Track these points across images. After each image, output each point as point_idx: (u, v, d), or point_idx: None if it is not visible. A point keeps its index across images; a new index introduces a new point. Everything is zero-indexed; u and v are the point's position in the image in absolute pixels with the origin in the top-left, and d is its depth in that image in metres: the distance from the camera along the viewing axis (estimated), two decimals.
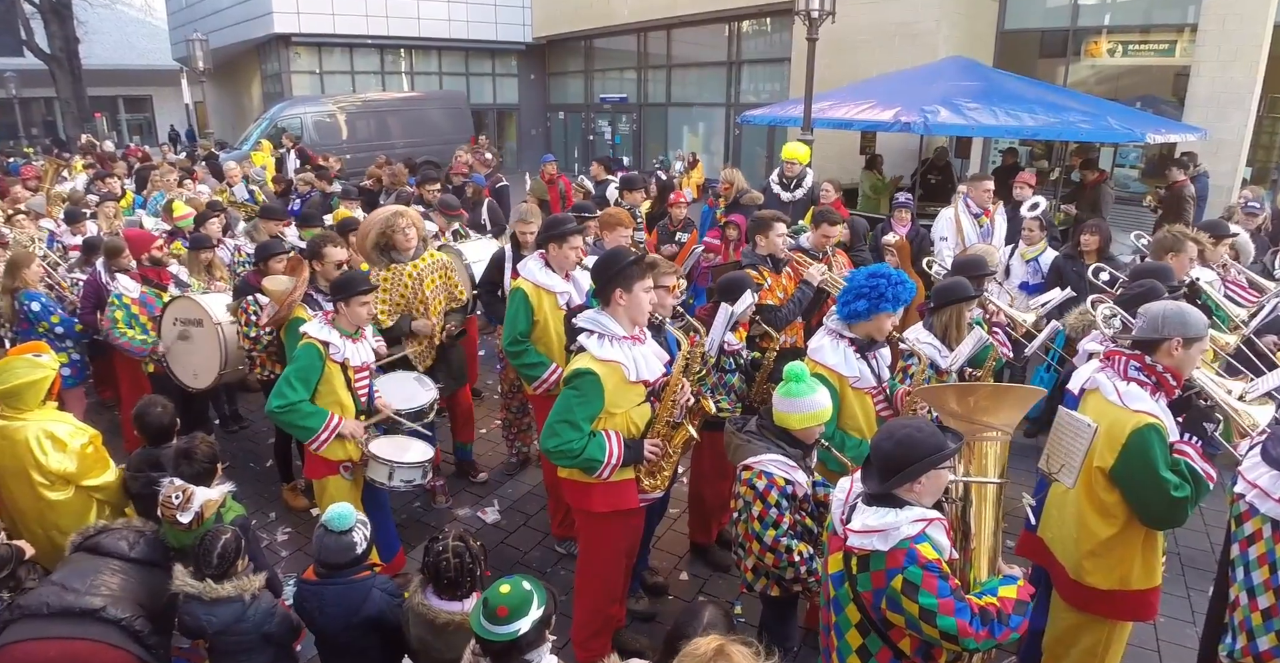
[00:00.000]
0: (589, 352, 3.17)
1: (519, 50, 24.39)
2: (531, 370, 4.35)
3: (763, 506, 2.94)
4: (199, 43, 17.96)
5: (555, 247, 4.29)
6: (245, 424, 6.56)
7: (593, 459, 3.14)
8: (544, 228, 4.39)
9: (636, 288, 3.21)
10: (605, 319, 3.22)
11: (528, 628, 2.24)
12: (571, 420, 3.11)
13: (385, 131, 18.43)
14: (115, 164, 13.19)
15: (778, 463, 2.99)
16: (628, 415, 3.28)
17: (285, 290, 4.38)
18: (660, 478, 3.42)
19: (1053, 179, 11.10)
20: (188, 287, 5.59)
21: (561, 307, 4.33)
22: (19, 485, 3.21)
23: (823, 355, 3.46)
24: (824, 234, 5.33)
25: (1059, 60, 12.76)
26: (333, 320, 3.88)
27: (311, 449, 3.88)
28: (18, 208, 7.76)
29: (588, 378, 3.11)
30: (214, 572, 2.79)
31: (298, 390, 3.72)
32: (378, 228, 4.83)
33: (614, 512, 3.34)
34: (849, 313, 3.43)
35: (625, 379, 3.19)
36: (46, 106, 28.00)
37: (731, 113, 18.24)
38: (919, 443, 2.25)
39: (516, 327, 4.29)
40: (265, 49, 22.71)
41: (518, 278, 5.12)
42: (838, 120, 9.96)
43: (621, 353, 3.18)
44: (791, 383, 3.00)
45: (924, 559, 2.20)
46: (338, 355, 3.83)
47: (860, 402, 3.49)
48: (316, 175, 10.20)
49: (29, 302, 5.28)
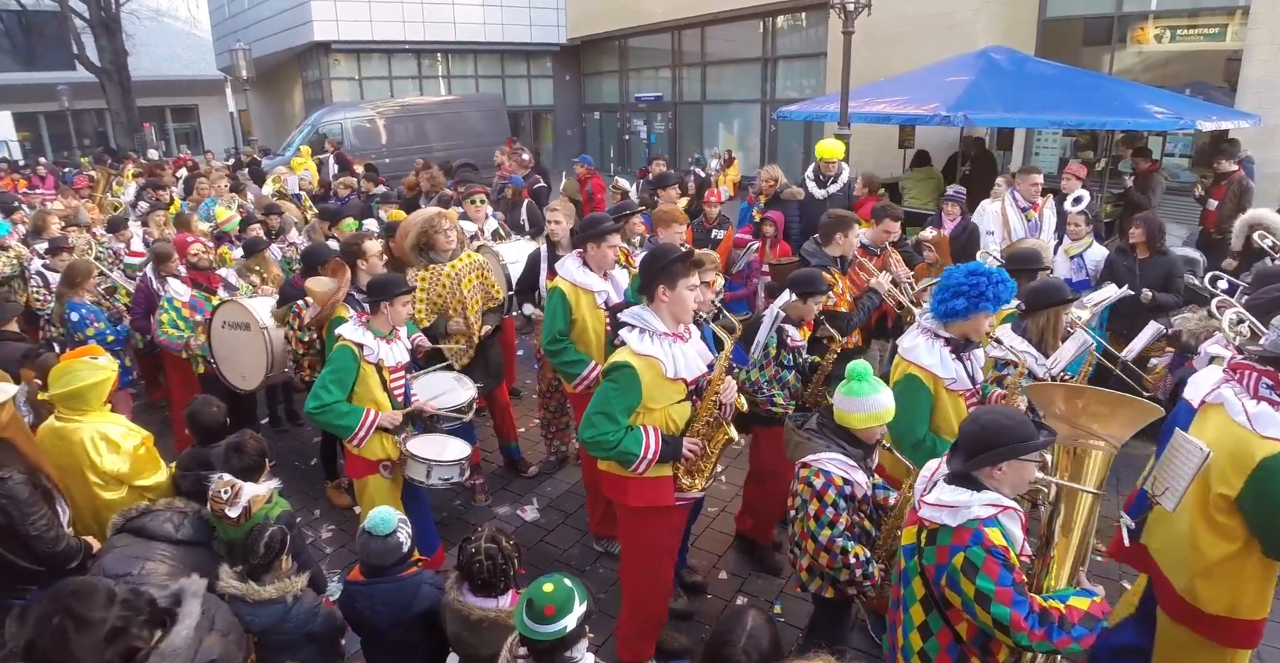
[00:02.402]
0: (628, 345, 3.17)
1: (553, 51, 24.52)
2: (571, 368, 4.36)
3: (819, 504, 2.90)
4: (242, 52, 18.35)
5: (593, 246, 4.29)
6: (300, 423, 6.67)
7: (628, 452, 3.14)
8: (582, 227, 4.41)
9: (680, 285, 3.18)
10: (648, 315, 3.21)
11: (573, 625, 2.27)
12: (608, 412, 3.12)
13: (423, 135, 18.65)
14: (164, 172, 13.53)
15: (837, 462, 2.94)
16: (666, 412, 3.27)
17: (328, 291, 4.47)
18: (699, 478, 3.39)
19: (1099, 170, 10.82)
20: (236, 290, 5.73)
21: (600, 305, 4.34)
22: (75, 484, 3.32)
23: (917, 355, 3.33)
24: (885, 229, 5.23)
25: (1103, 48, 12.43)
26: (367, 322, 3.94)
27: (352, 447, 3.95)
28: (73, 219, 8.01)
29: (625, 371, 3.11)
30: (259, 562, 2.85)
31: (333, 392, 3.80)
32: (418, 228, 4.90)
33: (649, 507, 3.34)
34: (946, 312, 3.28)
35: (663, 375, 3.17)
36: (98, 118, 28.81)
37: (767, 109, 18.11)
38: (1005, 429, 2.23)
39: (555, 325, 4.30)
40: (306, 57, 23.13)
41: (553, 277, 5.19)
42: (875, 114, 9.83)
43: (660, 349, 3.16)
44: (854, 381, 2.94)
45: (989, 543, 2.18)
46: (372, 357, 3.88)
47: (954, 404, 3.37)
48: (365, 176, 10.41)
49: (70, 311, 5.50)
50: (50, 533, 3.00)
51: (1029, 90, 9.29)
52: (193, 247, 5.69)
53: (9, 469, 2.94)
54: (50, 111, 26.48)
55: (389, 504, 3.69)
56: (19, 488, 2.93)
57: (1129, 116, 8.60)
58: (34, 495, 2.97)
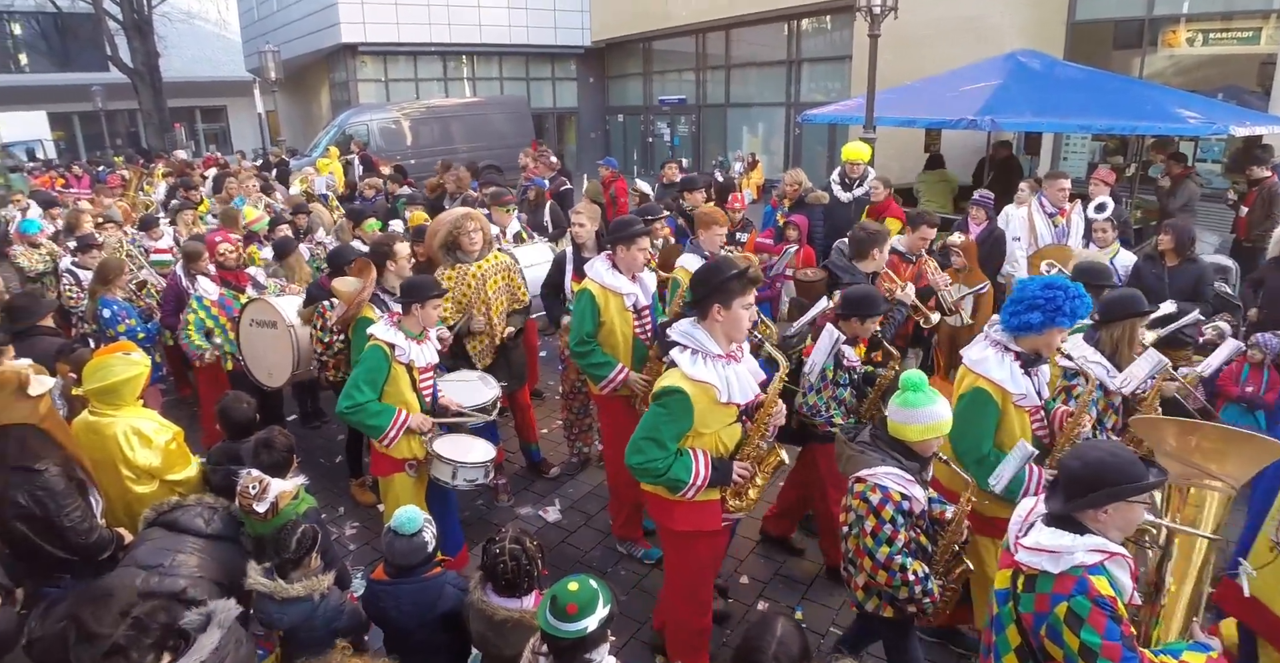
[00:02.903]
0: (680, 369, 3.03)
1: (578, 54, 24.60)
2: (597, 370, 4.34)
3: (876, 521, 2.79)
4: (271, 54, 18.57)
5: (623, 248, 4.26)
6: (326, 420, 6.75)
7: (678, 479, 3.03)
8: (612, 229, 4.38)
9: (736, 304, 3.02)
10: (700, 334, 3.06)
11: (594, 626, 2.26)
12: (657, 438, 3.00)
13: (448, 137, 18.77)
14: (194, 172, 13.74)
15: (893, 476, 2.83)
16: (717, 436, 3.17)
17: (354, 291, 4.51)
18: (746, 500, 3.29)
19: (1129, 175, 10.69)
20: (264, 289, 5.80)
21: (628, 308, 4.34)
22: (107, 477, 3.37)
23: (987, 368, 3.20)
24: (921, 236, 5.14)
25: (1134, 51, 12.29)
26: (398, 322, 3.96)
27: (381, 446, 3.99)
28: (107, 216, 8.15)
29: (677, 396, 2.99)
30: (290, 557, 2.88)
31: (365, 392, 3.82)
32: (446, 228, 4.96)
33: (696, 532, 3.25)
34: (1019, 325, 3.14)
35: (716, 400, 3.05)
36: (130, 118, 29.31)
37: (791, 112, 18.05)
38: (1110, 469, 2.09)
39: (583, 327, 4.28)
40: (333, 59, 23.36)
41: (580, 279, 5.20)
42: (901, 118, 9.78)
43: (714, 373, 3.03)
44: (909, 392, 2.84)
45: (1096, 592, 2.03)
46: (403, 357, 3.91)
47: (1020, 420, 3.25)
48: (391, 177, 10.52)
49: (102, 308, 5.61)
50: (84, 524, 3.06)
51: (1057, 94, 9.21)
52: (221, 246, 5.77)
53: (45, 461, 3.00)
54: (84, 112, 26.98)
55: (413, 503, 3.74)
56: (55, 480, 2.99)
57: (1160, 121, 8.50)
58: (69, 487, 3.03)
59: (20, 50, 29.41)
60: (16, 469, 2.97)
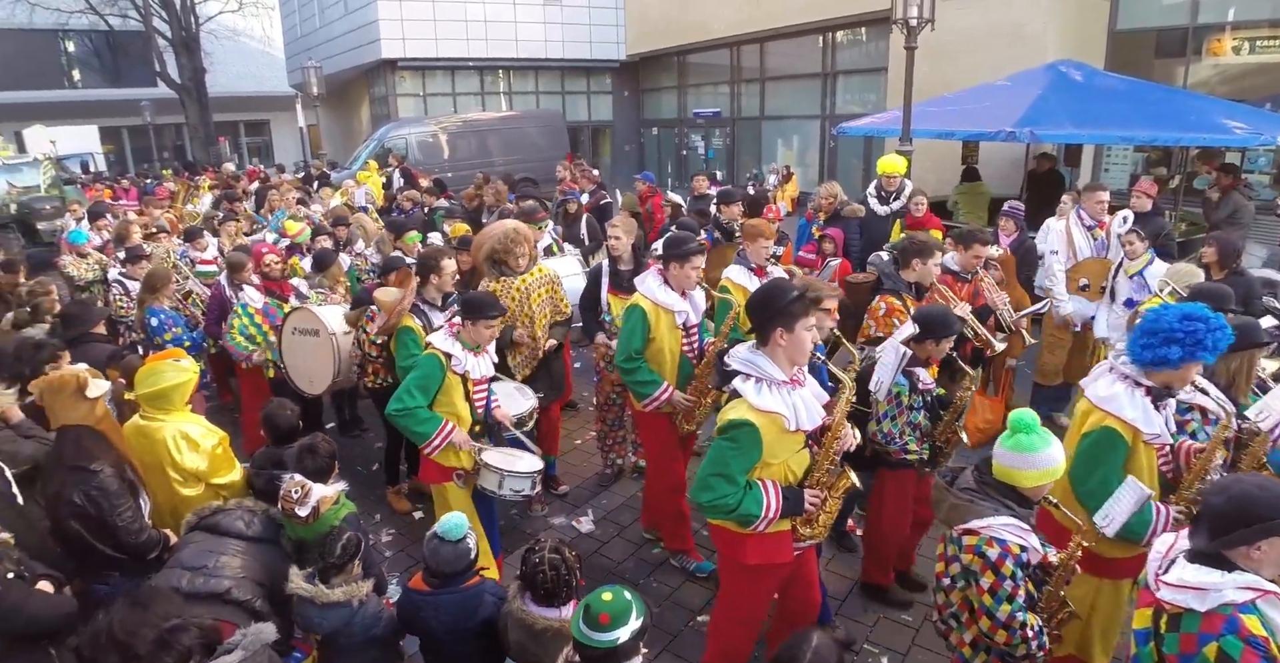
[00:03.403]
0: (746, 399, 2.90)
1: (613, 68, 24.82)
2: (643, 388, 4.28)
3: (995, 577, 2.56)
4: (313, 70, 18.98)
5: (676, 266, 4.19)
6: (365, 429, 6.84)
7: (749, 514, 2.91)
8: (665, 246, 4.30)
9: (799, 327, 2.90)
10: (762, 361, 2.93)
11: (626, 638, 2.27)
12: (726, 474, 2.88)
13: (485, 150, 19.01)
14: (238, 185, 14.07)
15: (1010, 527, 2.60)
16: (786, 464, 3.05)
17: (395, 301, 4.60)
18: (817, 527, 3.18)
19: (1173, 187, 10.48)
20: (306, 299, 5.93)
21: (678, 326, 4.29)
22: (156, 480, 3.47)
23: (1118, 407, 2.98)
24: (975, 254, 5.02)
25: (1178, 60, 12.10)
26: (458, 333, 4.00)
27: (424, 453, 4.03)
28: (159, 226, 8.39)
29: (745, 430, 2.87)
30: (334, 562, 2.93)
31: (416, 397, 3.87)
32: (494, 241, 5.02)
33: (767, 565, 3.14)
34: (1155, 359, 2.92)
35: (784, 429, 2.94)
36: (176, 132, 30.14)
37: (827, 124, 18.01)
38: (1259, 502, 1.99)
39: (632, 343, 4.22)
40: (373, 74, 23.83)
41: (615, 293, 5.20)
42: (938, 130, 9.72)
43: (781, 401, 2.91)
44: (1022, 434, 2.61)
45: (1247, 632, 1.93)
46: (459, 367, 3.95)
47: (1149, 459, 3.04)
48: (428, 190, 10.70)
49: (149, 317, 5.76)
50: (135, 524, 3.15)
51: (1099, 105, 9.08)
52: (266, 256, 5.91)
53: (100, 462, 3.11)
54: (133, 126, 27.81)
55: (465, 510, 3.77)
56: (109, 481, 3.09)
57: (1205, 132, 8.35)
58: (122, 488, 3.14)
59: (74, 67, 30.44)
60: (73, 469, 3.08)
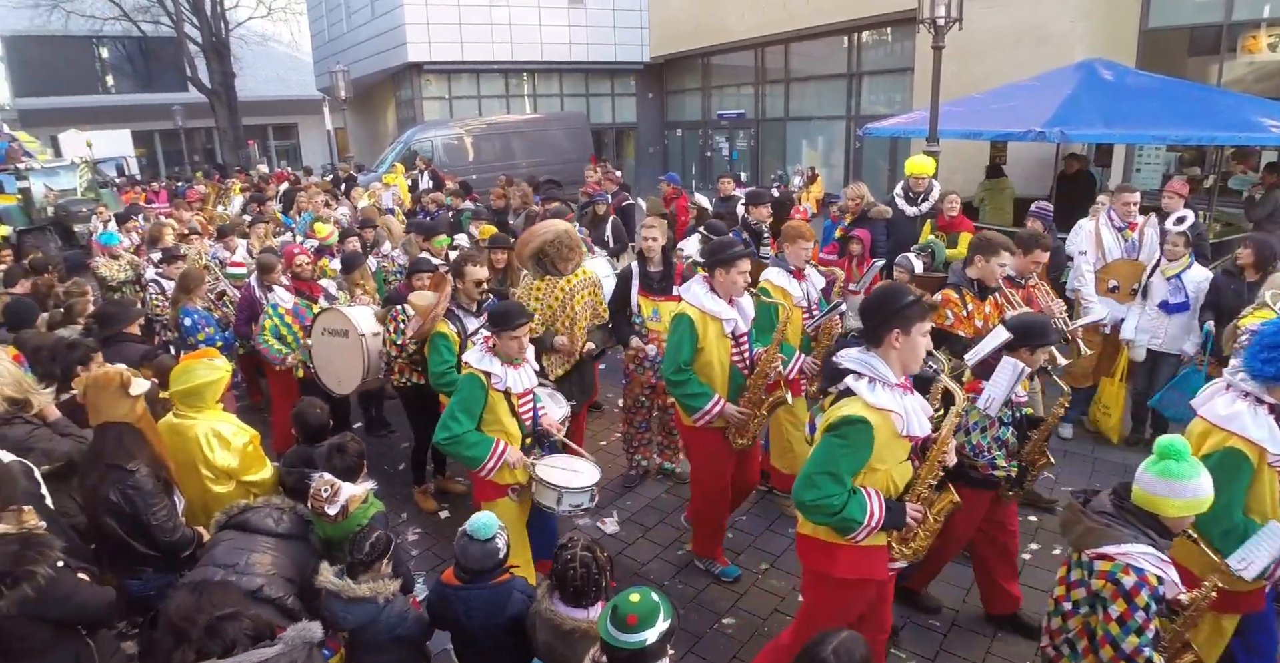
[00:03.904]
0: (860, 396, 2.80)
1: (637, 70, 24.88)
2: (693, 401, 4.09)
3: (1127, 606, 2.44)
4: (341, 74, 19.19)
5: (722, 272, 4.02)
6: (392, 429, 6.90)
7: (852, 519, 2.80)
8: (710, 252, 4.16)
9: (915, 331, 2.82)
10: (876, 362, 2.85)
11: (654, 639, 2.28)
12: (834, 472, 2.77)
13: (509, 152, 19.11)
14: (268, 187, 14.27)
15: (1149, 557, 2.48)
16: (889, 474, 2.93)
17: (429, 305, 4.57)
18: (913, 547, 3.05)
19: (1207, 188, 10.30)
20: (336, 300, 6.00)
21: (727, 335, 4.13)
22: (188, 477, 3.53)
23: (1242, 426, 2.84)
24: (1034, 260, 4.83)
25: (1211, 58, 11.89)
26: (493, 348, 3.85)
27: (480, 477, 3.91)
28: (191, 228, 8.54)
29: (859, 427, 2.77)
30: (361, 558, 2.96)
31: (462, 423, 3.74)
32: (541, 240, 4.96)
33: (858, 580, 3.01)
34: (1278, 374, 2.81)
35: (896, 432, 2.83)
36: (206, 135, 30.69)
37: (852, 126, 17.92)
38: None
39: (680, 354, 4.04)
40: (399, 77, 24.05)
41: (648, 295, 5.16)
42: (966, 130, 9.62)
43: (896, 401, 2.82)
44: (1170, 461, 2.48)
45: None
46: (499, 384, 3.80)
47: (1271, 481, 2.91)
48: (453, 192, 10.79)
49: (183, 317, 5.87)
50: (169, 523, 3.21)
51: (1130, 104, 8.95)
52: (297, 258, 5.98)
53: (137, 461, 3.17)
54: (164, 129, 28.31)
55: (517, 527, 3.85)
56: (145, 480, 3.15)
57: (1240, 131, 8.21)
58: (157, 487, 3.20)
59: (107, 73, 31.08)
60: (111, 467, 3.14)
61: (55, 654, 2.60)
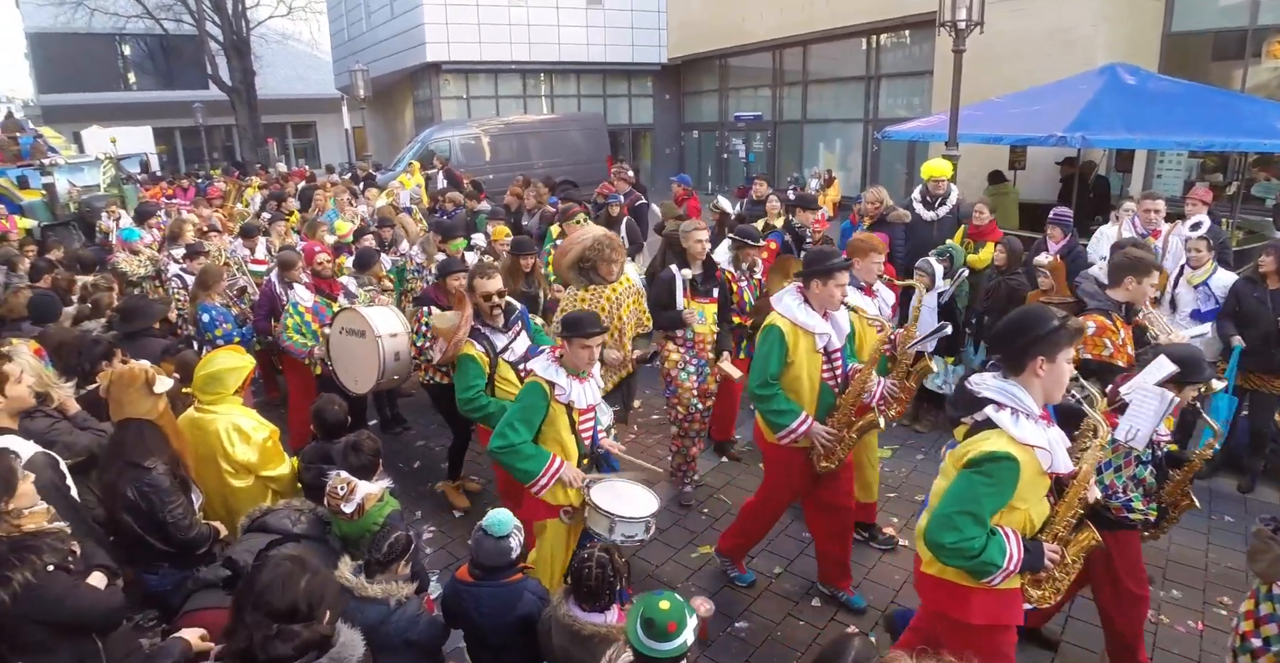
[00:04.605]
0: (1005, 430, 2.59)
1: (654, 71, 24.91)
2: (779, 418, 3.87)
3: None
4: (360, 73, 19.29)
5: (819, 283, 3.80)
6: (407, 427, 6.93)
7: (991, 563, 2.59)
8: (808, 261, 3.94)
9: (1061, 358, 2.62)
10: (1018, 391, 2.63)
11: (692, 639, 2.31)
12: (976, 513, 2.56)
13: (525, 153, 19.15)
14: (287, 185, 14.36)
15: None
16: (1027, 514, 2.73)
17: (452, 327, 4.38)
18: (1048, 589, 2.87)
19: (1230, 194, 10.18)
20: (355, 298, 6.03)
21: (819, 350, 3.89)
22: (208, 472, 3.57)
23: None
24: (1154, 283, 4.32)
25: (1235, 63, 11.78)
26: (559, 358, 3.66)
27: (531, 493, 3.69)
28: (211, 225, 8.61)
29: (1005, 464, 2.56)
30: (380, 558, 2.97)
31: (520, 432, 3.56)
32: (581, 248, 4.81)
33: (993, 626, 2.81)
34: None
35: (1041, 469, 2.64)
36: (226, 133, 30.97)
37: (870, 129, 17.86)
38: None
39: (768, 368, 3.84)
40: (418, 77, 24.18)
41: (693, 298, 5.02)
42: (985, 134, 9.56)
43: (1042, 435, 2.61)
44: None
45: None
46: (563, 396, 3.61)
47: None
48: (467, 195, 10.81)
49: (201, 313, 5.93)
50: (185, 521, 3.23)
51: (1153, 109, 8.87)
52: (318, 256, 6.02)
53: (154, 459, 3.19)
54: (185, 127, 28.61)
55: (564, 549, 3.73)
56: (161, 478, 3.18)
57: (1264, 137, 8.11)
58: (173, 485, 3.22)
59: (129, 70, 31.41)
60: (129, 465, 3.16)
61: (56, 653, 2.59)
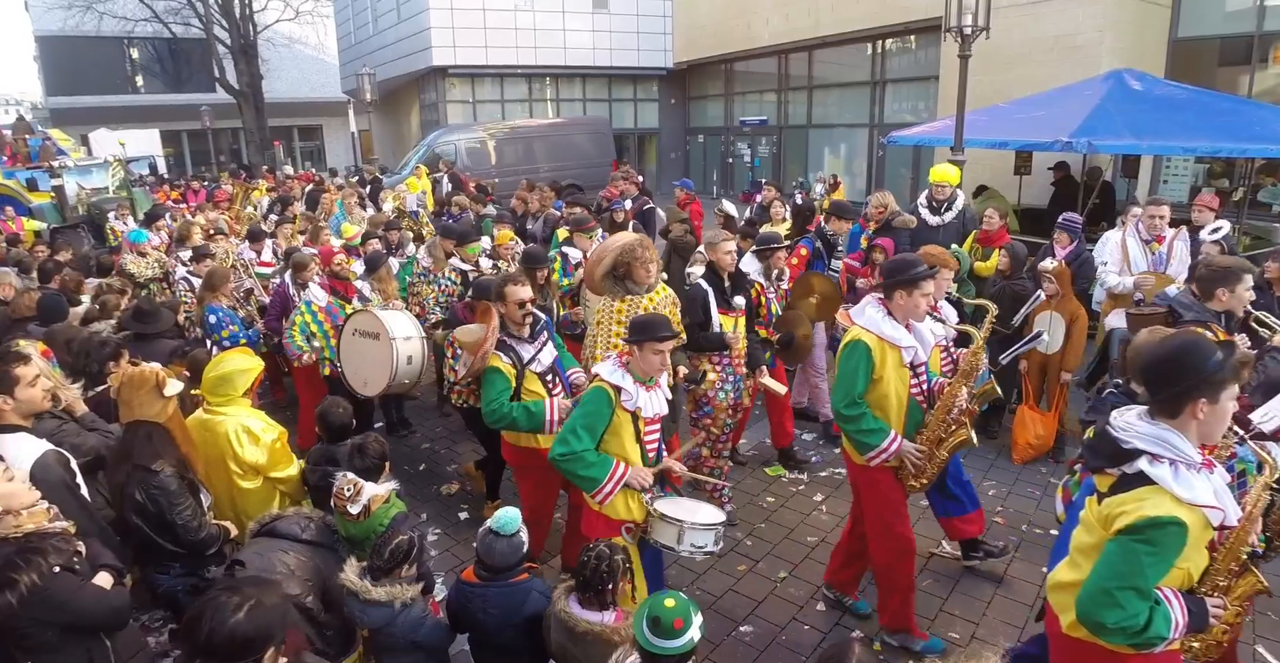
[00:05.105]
0: (1166, 488, 2.24)
1: (660, 75, 24.97)
2: (869, 438, 3.64)
3: None
4: (367, 77, 19.38)
5: (903, 293, 3.58)
6: (412, 430, 6.95)
7: (1158, 636, 2.26)
8: (891, 270, 3.70)
9: (1225, 396, 2.29)
10: (1174, 439, 2.27)
11: (699, 636, 2.33)
12: (1141, 588, 2.23)
13: (531, 156, 19.21)
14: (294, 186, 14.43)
15: None
16: (1188, 570, 2.43)
17: (477, 341, 4.23)
18: (1209, 640, 2.62)
19: (1236, 200, 10.17)
20: (369, 301, 6.03)
21: (905, 364, 3.68)
22: (217, 473, 3.60)
23: None
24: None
25: (1241, 69, 11.78)
26: (628, 363, 3.47)
27: (594, 502, 3.52)
28: (218, 228, 8.66)
29: (1171, 529, 2.21)
30: (381, 564, 2.98)
31: (583, 439, 3.39)
32: (613, 255, 4.62)
33: None
34: None
35: (1209, 526, 2.32)
36: (233, 136, 31.06)
37: (875, 133, 17.87)
38: None
39: (855, 386, 3.60)
40: (424, 81, 24.28)
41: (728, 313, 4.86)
42: (991, 140, 9.56)
43: (1209, 491, 2.27)
44: None
45: None
46: (630, 403, 3.44)
47: None
48: (473, 198, 10.84)
49: (208, 314, 5.95)
50: (194, 523, 3.25)
51: (1159, 115, 8.86)
52: (336, 257, 6.06)
53: (162, 462, 3.21)
54: (192, 130, 28.70)
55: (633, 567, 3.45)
56: (169, 480, 3.20)
57: (1271, 143, 8.10)
58: (181, 487, 3.24)
59: (137, 73, 31.54)
60: (137, 467, 3.19)
61: (65, 653, 2.61)
